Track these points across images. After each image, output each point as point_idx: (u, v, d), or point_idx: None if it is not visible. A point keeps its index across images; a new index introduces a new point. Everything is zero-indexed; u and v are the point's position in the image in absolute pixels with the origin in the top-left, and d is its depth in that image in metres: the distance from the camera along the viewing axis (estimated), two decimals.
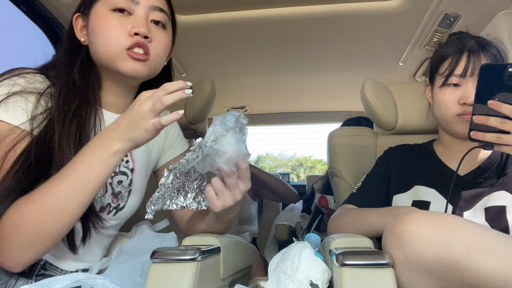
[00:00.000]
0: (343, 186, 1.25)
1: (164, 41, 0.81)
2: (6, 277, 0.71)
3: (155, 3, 0.80)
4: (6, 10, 1.24)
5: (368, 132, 1.31)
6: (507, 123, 0.71)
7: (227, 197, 0.71)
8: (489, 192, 0.90)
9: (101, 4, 0.77)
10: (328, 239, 0.81)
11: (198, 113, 1.35)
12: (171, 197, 0.76)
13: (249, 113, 2.63)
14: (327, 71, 1.95)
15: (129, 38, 0.75)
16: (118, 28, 0.75)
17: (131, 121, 0.66)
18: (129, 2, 0.77)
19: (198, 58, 1.74)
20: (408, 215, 0.65)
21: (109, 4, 0.77)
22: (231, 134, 0.70)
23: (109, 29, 0.75)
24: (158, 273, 0.68)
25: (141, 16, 0.77)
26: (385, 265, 0.64)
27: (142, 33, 0.75)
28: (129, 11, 0.77)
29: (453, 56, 0.91)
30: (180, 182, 0.76)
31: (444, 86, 0.92)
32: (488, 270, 0.56)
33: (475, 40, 0.91)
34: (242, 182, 0.72)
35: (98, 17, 0.77)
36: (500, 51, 0.92)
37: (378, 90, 1.24)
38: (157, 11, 0.80)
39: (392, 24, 1.44)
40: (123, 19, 0.76)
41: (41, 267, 0.77)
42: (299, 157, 11.49)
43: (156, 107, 0.64)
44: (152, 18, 0.79)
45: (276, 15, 1.41)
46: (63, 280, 0.62)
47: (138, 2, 0.77)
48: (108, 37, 0.75)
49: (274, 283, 0.70)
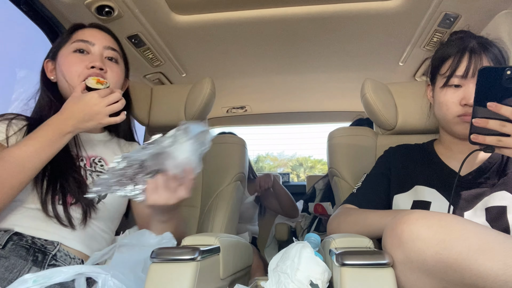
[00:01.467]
0: (343, 186, 1.25)
1: (117, 72, 1.01)
2: (21, 265, 0.79)
3: (108, 43, 1.01)
4: (6, 10, 1.24)
5: (368, 132, 1.31)
6: (506, 125, 0.71)
7: (161, 197, 0.79)
8: (490, 192, 0.89)
9: (65, 48, 0.99)
10: (328, 239, 0.81)
11: (198, 113, 1.35)
12: (121, 184, 0.79)
13: (249, 113, 2.63)
14: (327, 71, 1.95)
15: (86, 71, 0.94)
16: (78, 63, 0.95)
17: (87, 115, 0.84)
18: (87, 44, 0.98)
19: (198, 58, 1.74)
20: (408, 215, 0.65)
21: (71, 47, 0.98)
22: (189, 143, 0.76)
23: (72, 65, 0.95)
24: (158, 273, 0.68)
25: (97, 54, 0.98)
26: (385, 265, 0.64)
27: (97, 66, 0.94)
28: (87, 51, 0.98)
29: (455, 56, 0.91)
30: (133, 172, 0.79)
31: (446, 87, 0.91)
32: (488, 270, 0.55)
33: (477, 41, 0.91)
34: (182, 189, 0.81)
35: (63, 58, 0.97)
36: (501, 51, 0.91)
37: (378, 90, 1.24)
38: (110, 50, 1.01)
39: (392, 24, 1.44)
40: (83, 57, 0.97)
41: (52, 258, 0.84)
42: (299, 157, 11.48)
43: (113, 108, 0.86)
44: (106, 55, 1.00)
45: (276, 15, 1.41)
46: (66, 272, 0.63)
47: (94, 43, 0.99)
48: (70, 71, 0.95)
49: (274, 283, 0.70)
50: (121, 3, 1.28)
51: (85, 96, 0.85)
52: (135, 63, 1.70)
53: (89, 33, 1.01)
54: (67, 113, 0.85)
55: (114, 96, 0.87)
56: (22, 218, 0.86)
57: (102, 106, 0.85)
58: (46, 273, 0.63)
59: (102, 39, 1.01)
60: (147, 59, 1.67)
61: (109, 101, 0.86)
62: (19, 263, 0.79)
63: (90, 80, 0.90)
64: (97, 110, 0.85)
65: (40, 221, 0.86)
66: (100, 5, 1.28)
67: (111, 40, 1.04)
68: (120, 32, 1.44)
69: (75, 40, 0.98)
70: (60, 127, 0.84)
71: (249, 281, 0.99)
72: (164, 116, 1.42)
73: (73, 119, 0.84)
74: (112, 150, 1.06)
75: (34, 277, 0.62)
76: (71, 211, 0.90)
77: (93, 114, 0.85)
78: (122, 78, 1.04)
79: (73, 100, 0.86)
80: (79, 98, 0.86)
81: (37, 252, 0.83)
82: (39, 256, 0.82)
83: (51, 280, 0.63)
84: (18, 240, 0.82)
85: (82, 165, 0.97)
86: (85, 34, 1.00)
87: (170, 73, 1.85)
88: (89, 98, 0.85)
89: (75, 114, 0.84)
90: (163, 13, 1.36)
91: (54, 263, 0.84)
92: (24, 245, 0.82)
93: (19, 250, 0.81)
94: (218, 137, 1.48)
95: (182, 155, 0.76)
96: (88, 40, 0.98)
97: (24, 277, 0.62)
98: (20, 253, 0.81)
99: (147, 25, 1.42)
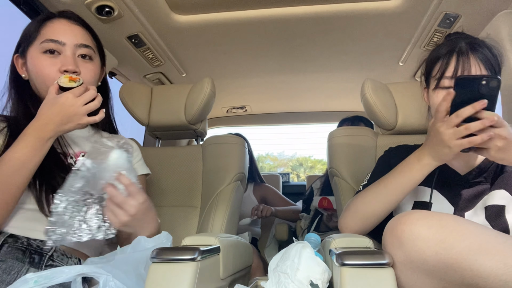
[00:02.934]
0: (343, 186, 1.25)
1: (91, 69, 0.96)
2: (18, 267, 0.78)
3: (80, 41, 0.94)
4: (6, 10, 1.24)
5: (368, 132, 1.31)
6: (471, 126, 0.73)
7: (121, 215, 0.79)
8: (489, 190, 0.90)
9: (34, 47, 0.91)
10: (328, 239, 0.81)
11: (198, 113, 1.35)
12: (74, 229, 0.77)
13: (249, 113, 2.63)
14: (327, 71, 1.95)
15: (59, 74, 0.88)
16: (49, 67, 0.89)
17: (64, 117, 0.82)
18: (57, 44, 0.91)
19: (198, 58, 1.74)
20: (408, 215, 0.65)
21: (40, 47, 0.91)
22: (114, 152, 0.80)
23: (43, 68, 0.89)
24: (158, 273, 0.68)
25: (69, 55, 0.91)
26: (385, 265, 0.64)
27: (70, 70, 0.89)
28: (58, 51, 0.91)
29: (443, 58, 0.91)
30: (79, 211, 0.79)
31: (437, 89, 0.91)
32: (488, 270, 0.56)
33: (466, 41, 0.90)
34: (133, 197, 0.80)
35: (32, 59, 0.91)
36: (491, 50, 0.90)
37: (378, 90, 1.24)
38: (82, 48, 0.94)
39: (392, 24, 1.44)
40: (53, 59, 0.90)
41: (49, 258, 0.83)
42: (299, 157, 11.48)
43: (90, 107, 0.83)
44: (79, 53, 0.94)
45: (276, 15, 1.41)
46: (68, 272, 0.63)
47: (65, 43, 0.91)
48: (42, 75, 0.90)
49: (274, 283, 0.70)
50: (121, 3, 1.28)
51: (60, 98, 0.82)
52: (135, 63, 1.70)
53: (59, 28, 0.93)
54: (44, 119, 0.82)
55: (89, 94, 0.84)
56: (17, 220, 0.85)
57: (78, 106, 0.82)
58: (48, 274, 0.63)
59: (73, 36, 0.93)
60: (147, 59, 1.67)
61: (85, 99, 0.83)
62: (17, 265, 0.78)
63: (62, 79, 0.85)
64: (74, 111, 0.82)
65: (36, 222, 0.85)
66: (100, 5, 1.28)
67: (83, 32, 0.97)
68: (120, 32, 1.44)
69: (44, 39, 0.91)
70: (40, 134, 0.82)
71: (249, 281, 0.99)
72: (164, 116, 1.42)
73: (51, 124, 0.82)
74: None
75: (36, 278, 0.62)
76: None
77: (70, 115, 0.82)
78: (97, 73, 0.99)
79: (48, 104, 0.83)
80: (53, 101, 0.82)
81: (34, 254, 0.82)
82: (36, 257, 0.82)
83: (52, 281, 0.62)
84: (13, 242, 0.81)
85: (72, 162, 0.95)
86: (54, 31, 0.92)
87: (170, 73, 1.85)
88: (64, 99, 0.82)
89: (52, 118, 0.82)
90: (163, 13, 1.36)
91: (51, 264, 0.83)
92: (20, 247, 0.81)
93: (15, 252, 0.80)
94: (218, 137, 1.48)
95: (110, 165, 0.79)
96: (58, 39, 0.91)
97: (25, 277, 0.62)
98: (16, 255, 0.80)
99: (147, 25, 1.42)
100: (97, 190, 0.79)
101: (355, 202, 0.94)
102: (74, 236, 0.77)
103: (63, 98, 0.82)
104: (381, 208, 0.89)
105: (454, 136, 0.75)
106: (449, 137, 0.76)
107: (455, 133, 0.75)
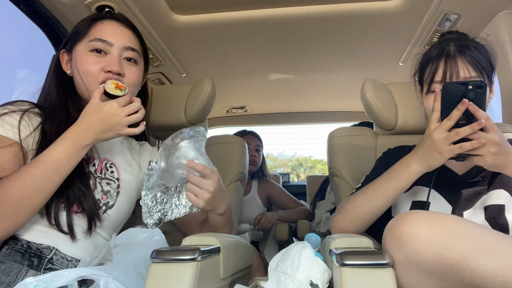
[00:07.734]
0: (343, 186, 1.25)
1: (135, 74, 0.96)
2: (17, 269, 0.78)
3: (127, 43, 0.95)
4: (6, 10, 1.24)
5: (368, 132, 1.31)
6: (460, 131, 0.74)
7: (202, 193, 0.86)
8: (487, 190, 0.90)
9: (82, 45, 0.93)
10: (328, 239, 0.81)
11: (198, 113, 1.35)
12: (166, 212, 0.89)
13: (249, 113, 2.63)
14: (327, 71, 1.95)
15: (103, 74, 0.90)
16: (95, 64, 0.90)
17: (106, 126, 0.82)
18: (105, 44, 0.92)
19: (198, 58, 1.74)
20: (408, 215, 0.65)
21: (88, 45, 0.92)
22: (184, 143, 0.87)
23: (89, 65, 0.90)
24: (158, 273, 0.68)
25: (115, 56, 0.92)
26: (385, 265, 0.64)
27: (114, 71, 0.90)
28: (105, 51, 0.92)
29: (433, 62, 0.91)
30: (169, 196, 0.89)
31: (429, 93, 0.91)
32: (488, 271, 0.56)
33: (455, 43, 0.90)
34: (209, 178, 0.86)
35: (79, 56, 0.92)
36: (481, 50, 0.90)
37: (378, 90, 1.24)
38: (129, 50, 0.95)
39: (392, 24, 1.44)
40: (100, 58, 0.91)
41: (48, 261, 0.83)
42: (299, 157, 11.50)
43: (132, 119, 0.84)
44: (125, 56, 0.95)
45: (276, 15, 1.41)
46: (68, 275, 0.63)
47: (113, 44, 0.93)
48: (86, 71, 0.90)
49: (274, 283, 0.70)
50: (121, 3, 1.28)
51: (104, 105, 0.82)
52: None
53: (108, 29, 0.94)
54: (86, 124, 0.81)
55: (133, 106, 0.84)
56: None
57: (121, 116, 0.82)
58: (47, 277, 0.62)
59: (121, 38, 0.94)
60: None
61: (129, 110, 0.83)
62: (16, 267, 0.78)
63: (109, 85, 0.86)
64: (117, 120, 0.82)
65: (39, 225, 0.84)
66: (100, 5, 1.28)
67: (131, 36, 0.98)
68: None
69: (93, 38, 0.92)
70: (79, 140, 0.81)
71: (249, 281, 0.99)
72: (164, 116, 1.42)
73: (91, 131, 0.81)
74: (123, 155, 1.04)
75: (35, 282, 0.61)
76: (75, 220, 0.87)
77: (112, 124, 0.82)
78: (141, 78, 1.00)
79: (92, 110, 0.82)
80: (97, 108, 0.82)
81: (33, 257, 0.81)
82: (35, 260, 0.81)
83: (53, 284, 0.61)
84: (13, 244, 0.81)
85: (93, 170, 0.94)
86: (104, 31, 0.93)
87: (170, 73, 1.85)
88: (109, 107, 0.82)
89: (94, 125, 0.81)
90: (163, 13, 1.36)
91: (50, 267, 0.83)
92: (19, 250, 0.80)
93: (14, 254, 0.80)
94: (218, 137, 1.48)
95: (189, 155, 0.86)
96: (107, 39, 0.92)
97: (25, 281, 0.61)
98: (15, 257, 0.79)
99: (147, 25, 1.42)
100: (174, 181, 0.88)
101: (346, 204, 0.95)
102: (167, 216, 0.88)
103: (107, 106, 0.82)
104: (370, 211, 0.89)
105: (446, 141, 0.76)
106: (441, 142, 0.76)
107: (447, 138, 0.75)
